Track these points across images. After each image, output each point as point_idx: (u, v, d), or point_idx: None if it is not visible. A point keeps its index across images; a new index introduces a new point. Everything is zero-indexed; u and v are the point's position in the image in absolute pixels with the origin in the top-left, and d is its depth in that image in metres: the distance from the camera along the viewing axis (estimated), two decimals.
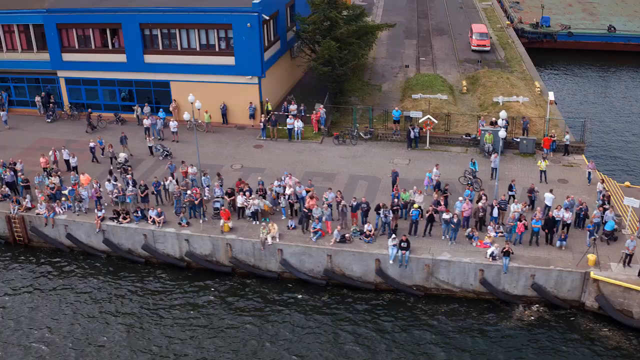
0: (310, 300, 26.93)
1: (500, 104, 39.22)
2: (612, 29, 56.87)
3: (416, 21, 59.07)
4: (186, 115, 29.79)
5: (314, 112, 37.07)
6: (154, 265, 29.76)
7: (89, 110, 39.21)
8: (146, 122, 37.33)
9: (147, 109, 38.80)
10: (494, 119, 35.58)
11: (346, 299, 27.02)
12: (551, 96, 37.66)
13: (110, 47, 38.90)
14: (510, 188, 29.22)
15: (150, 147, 36.01)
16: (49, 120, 40.77)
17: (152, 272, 29.31)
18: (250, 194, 29.32)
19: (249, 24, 35.40)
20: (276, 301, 26.96)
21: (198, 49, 37.40)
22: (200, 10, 36.41)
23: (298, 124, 36.28)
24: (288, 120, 36.33)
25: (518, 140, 35.08)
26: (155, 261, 29.97)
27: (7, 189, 32.72)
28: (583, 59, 56.88)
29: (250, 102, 37.68)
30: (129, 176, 31.26)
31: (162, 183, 30.92)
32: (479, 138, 35.39)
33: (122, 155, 34.51)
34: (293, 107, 37.56)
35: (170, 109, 38.80)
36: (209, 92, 37.39)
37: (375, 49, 48.68)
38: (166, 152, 35.84)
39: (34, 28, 40.01)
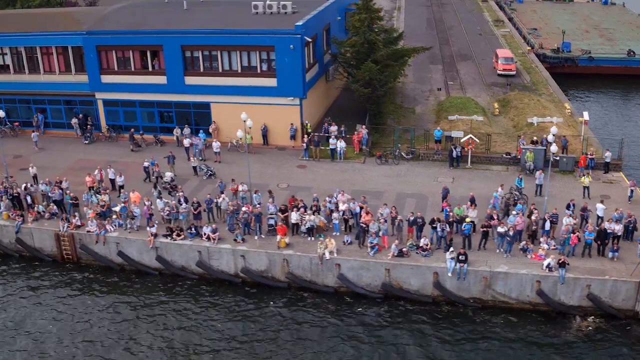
0: (369, 313, 28.29)
1: (535, 124, 41.56)
2: (632, 53, 59.77)
3: (439, 47, 61.79)
4: (239, 133, 31.56)
5: (356, 132, 39.08)
6: (208, 282, 31.12)
7: (132, 130, 41.06)
8: (186, 142, 39.25)
9: (187, 130, 40.58)
10: (535, 137, 37.78)
11: (404, 312, 28.42)
12: (586, 116, 40.00)
13: (150, 68, 40.94)
14: (568, 207, 30.76)
15: (194, 167, 37.81)
16: (87, 142, 42.49)
17: (207, 288, 30.60)
18: (305, 210, 31.05)
19: (292, 46, 37.58)
20: (336, 315, 28.31)
21: (239, 70, 39.45)
22: (243, 32, 38.66)
23: (341, 145, 38.24)
24: (331, 140, 38.29)
25: (557, 158, 37.16)
26: (209, 278, 31.30)
27: (54, 207, 34.29)
28: (604, 83, 59.65)
29: (292, 123, 39.63)
30: (180, 194, 32.89)
31: (214, 200, 32.57)
32: (519, 157, 37.52)
33: (168, 175, 36.17)
34: (333, 128, 39.51)
35: (210, 130, 40.65)
36: (250, 113, 38.04)
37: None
38: (210, 172, 37.57)
39: (73, 50, 42.04)
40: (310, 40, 37.98)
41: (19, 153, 41.83)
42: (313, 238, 30.72)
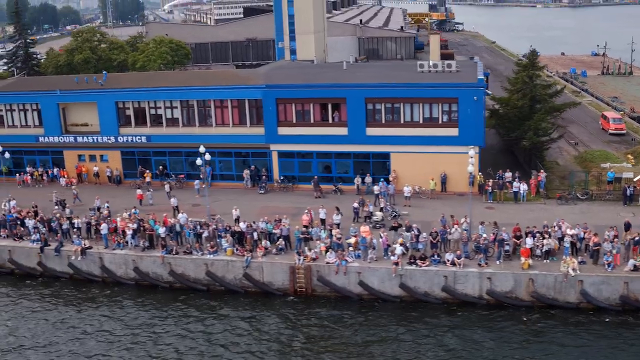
0: (619, 325, 36.42)
1: None
2: None
3: None
4: (470, 168, 40.43)
5: (533, 177, 48.54)
6: (452, 305, 38.49)
7: (315, 177, 49.32)
8: (376, 188, 47.78)
9: (368, 179, 49.32)
10: None
11: None
12: None
13: (330, 120, 49.81)
14: None
15: (381, 209, 46.13)
16: (262, 192, 50.49)
17: (453, 312, 37.98)
18: (541, 236, 39.47)
19: (475, 98, 47.35)
20: (585, 329, 36.19)
21: (421, 121, 48.82)
22: (428, 85, 48.42)
23: (523, 187, 47.51)
24: (514, 184, 47.52)
25: None
26: (452, 301, 38.84)
27: (283, 242, 41.37)
28: None
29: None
30: (414, 225, 40.87)
31: (446, 231, 40.62)
32: None
33: (378, 214, 44.36)
34: (508, 175, 48.87)
35: (391, 178, 49.18)
36: (429, 162, 48.37)
37: None
38: (395, 213, 45.74)
39: (249, 103, 50.69)
40: (490, 93, 48.04)
41: (194, 202, 49.40)
42: (548, 260, 39.22)
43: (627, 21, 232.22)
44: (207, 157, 44.72)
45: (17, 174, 55.98)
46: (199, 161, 44.10)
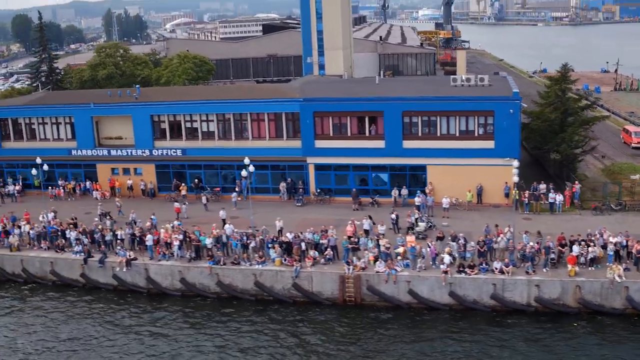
0: None
1: None
2: None
3: None
4: (515, 178, 41.68)
5: (567, 188, 49.88)
6: (500, 313, 39.69)
7: (354, 189, 50.59)
8: (417, 200, 49.05)
9: (404, 191, 50.72)
10: None
11: None
12: None
13: (367, 133, 51.10)
14: None
15: (415, 219, 47.42)
16: (299, 205, 51.76)
17: (502, 319, 39.12)
18: (586, 244, 40.57)
19: (511, 110, 48.85)
20: (633, 335, 37.52)
21: (457, 134, 50.38)
22: (464, 98, 50.04)
23: (559, 198, 48.85)
24: (550, 195, 48.98)
25: None
26: (500, 309, 39.95)
27: (331, 252, 42.36)
28: None
29: (506, 182, 49.89)
30: (461, 234, 41.97)
31: (492, 240, 41.68)
32: None
33: (421, 225, 45.64)
34: (542, 186, 50.22)
35: (427, 191, 50.54)
36: (465, 174, 49.93)
37: None
38: (430, 224, 47.15)
39: (286, 116, 52.00)
40: (525, 106, 49.44)
41: (231, 215, 50.36)
42: (592, 268, 40.34)
43: (627, 39, 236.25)
44: (251, 168, 45.94)
45: (49, 187, 57.08)
46: (244, 173, 45.17)
